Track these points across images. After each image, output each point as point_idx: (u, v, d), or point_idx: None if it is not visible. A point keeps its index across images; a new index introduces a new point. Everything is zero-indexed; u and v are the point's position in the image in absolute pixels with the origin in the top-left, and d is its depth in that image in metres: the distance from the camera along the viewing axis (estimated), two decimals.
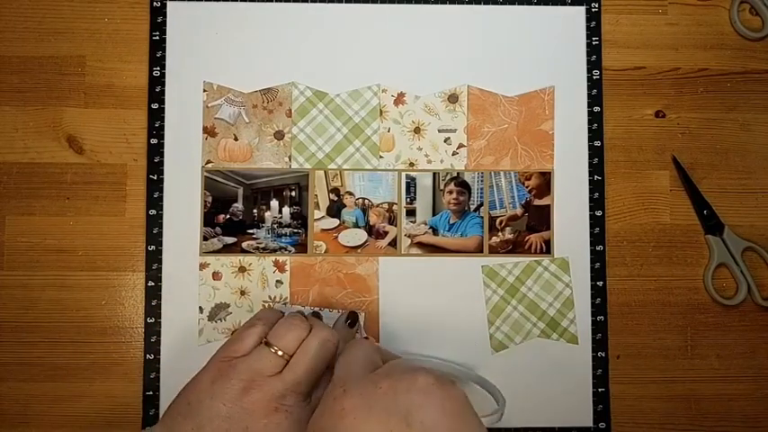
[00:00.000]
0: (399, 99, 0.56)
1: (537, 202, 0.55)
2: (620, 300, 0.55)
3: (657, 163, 0.56)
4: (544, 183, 0.56)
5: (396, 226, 0.55)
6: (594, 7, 0.57)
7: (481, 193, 0.55)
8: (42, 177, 0.54)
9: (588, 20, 0.57)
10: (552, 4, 0.57)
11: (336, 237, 0.55)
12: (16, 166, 0.54)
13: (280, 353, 0.42)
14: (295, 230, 0.55)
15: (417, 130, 0.56)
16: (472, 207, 0.55)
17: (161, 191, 0.54)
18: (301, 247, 0.54)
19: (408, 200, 0.55)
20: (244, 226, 0.54)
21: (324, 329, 0.44)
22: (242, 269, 0.54)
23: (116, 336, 0.54)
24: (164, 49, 0.55)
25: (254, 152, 0.55)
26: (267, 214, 0.55)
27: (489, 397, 0.53)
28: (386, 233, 0.55)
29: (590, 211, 0.55)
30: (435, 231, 0.55)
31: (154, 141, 0.54)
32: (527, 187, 0.55)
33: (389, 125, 0.55)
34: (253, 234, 0.54)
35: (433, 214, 0.55)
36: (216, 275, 0.54)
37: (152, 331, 0.53)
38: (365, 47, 0.56)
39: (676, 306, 0.55)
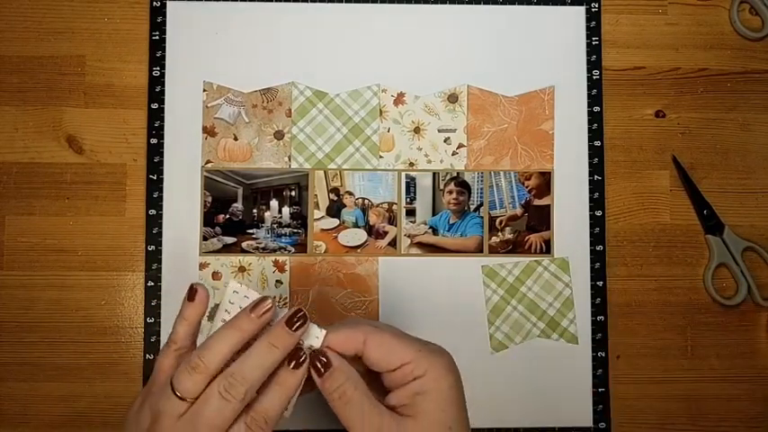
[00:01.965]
0: (399, 99, 0.56)
1: (537, 202, 0.55)
2: (620, 300, 0.55)
3: (657, 163, 0.56)
4: (544, 183, 0.56)
5: (396, 226, 0.55)
6: (594, 7, 0.57)
7: (481, 193, 0.55)
8: (42, 177, 0.54)
9: (588, 20, 0.57)
10: (552, 4, 0.57)
11: (336, 237, 0.55)
12: (16, 166, 0.54)
13: (179, 394, 0.36)
14: (295, 230, 0.55)
15: (417, 130, 0.56)
16: (472, 207, 0.55)
17: (161, 191, 0.54)
18: (301, 247, 0.54)
19: (408, 200, 0.55)
20: (243, 226, 0.54)
21: (228, 380, 0.36)
22: (242, 269, 0.54)
23: (116, 336, 0.54)
24: (164, 49, 0.55)
25: (253, 152, 0.55)
26: (267, 214, 0.55)
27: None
28: (386, 233, 0.55)
29: (590, 211, 0.55)
30: (435, 231, 0.55)
31: (154, 141, 0.54)
32: (527, 187, 0.55)
33: (389, 125, 0.55)
34: (252, 234, 0.54)
35: (433, 214, 0.55)
36: (216, 275, 0.54)
37: (152, 331, 0.53)
38: (365, 47, 0.56)
39: (676, 306, 0.55)
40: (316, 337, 0.38)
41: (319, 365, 0.37)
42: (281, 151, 0.55)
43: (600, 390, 0.54)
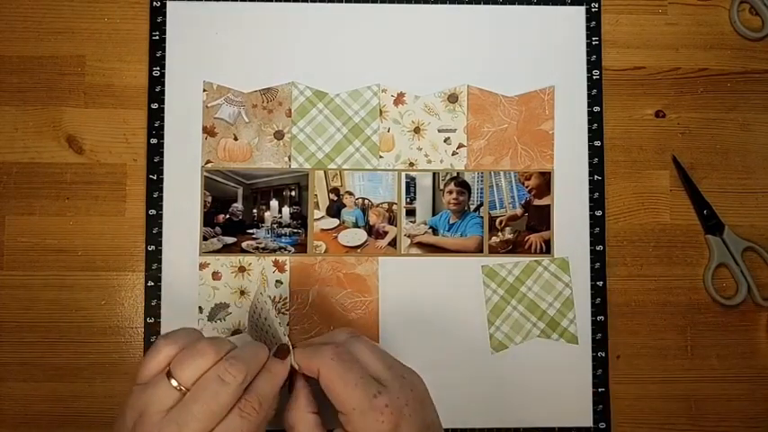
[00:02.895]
0: (399, 99, 0.56)
1: (537, 202, 0.55)
2: (620, 300, 0.55)
3: (657, 163, 0.56)
4: (544, 183, 0.56)
5: (396, 226, 0.55)
6: (594, 7, 0.57)
7: (481, 193, 0.55)
8: (42, 177, 0.54)
9: (588, 20, 0.57)
10: (552, 4, 0.57)
11: (336, 237, 0.55)
12: (16, 165, 0.54)
13: (175, 383, 0.36)
14: (295, 230, 0.55)
15: (417, 130, 0.56)
16: (472, 207, 0.55)
17: (161, 191, 0.54)
18: (301, 247, 0.54)
19: (408, 200, 0.55)
20: (243, 226, 0.54)
21: (229, 361, 0.36)
22: (242, 269, 0.54)
23: (116, 336, 0.54)
24: (163, 49, 0.55)
25: (253, 152, 0.55)
26: (267, 214, 0.55)
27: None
28: (386, 233, 0.55)
29: (590, 211, 0.55)
30: (435, 231, 0.55)
31: (154, 141, 0.54)
32: (527, 187, 0.55)
33: (389, 125, 0.55)
34: (252, 234, 0.54)
35: (433, 214, 0.55)
36: (216, 275, 0.54)
37: (152, 331, 0.53)
38: (365, 47, 0.56)
39: (676, 306, 0.55)
40: (282, 346, 0.41)
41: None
42: (281, 151, 0.55)
43: (600, 390, 0.54)
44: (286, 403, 0.41)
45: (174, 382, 0.36)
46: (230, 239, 0.54)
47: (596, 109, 0.56)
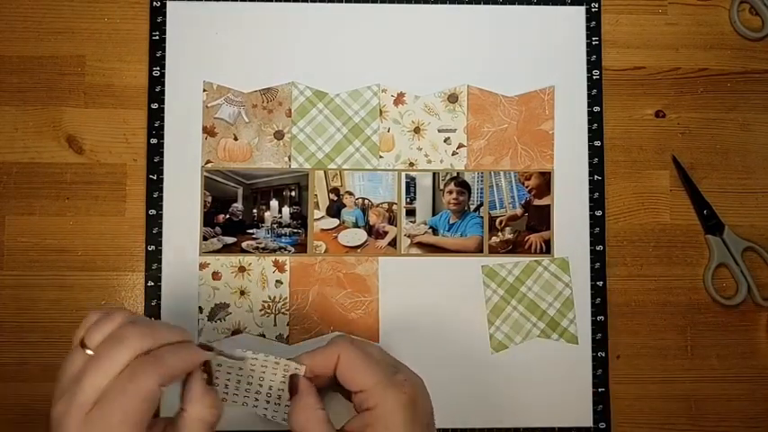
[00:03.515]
0: (399, 99, 0.56)
1: (537, 202, 0.55)
2: (620, 300, 0.55)
3: (657, 163, 0.56)
4: (544, 183, 0.56)
5: (396, 226, 0.55)
6: (594, 7, 0.57)
7: (481, 193, 0.55)
8: (42, 177, 0.54)
9: (588, 20, 0.57)
10: (552, 4, 0.57)
11: (336, 237, 0.55)
12: (16, 166, 0.54)
13: (87, 351, 0.35)
14: (295, 230, 0.55)
15: (417, 130, 0.56)
16: (472, 207, 0.55)
17: (161, 191, 0.54)
18: (301, 247, 0.54)
19: (408, 200, 0.55)
20: (243, 226, 0.54)
21: (132, 323, 0.36)
22: (242, 269, 0.54)
23: None
24: (163, 49, 0.55)
25: (253, 152, 0.55)
26: (267, 214, 0.55)
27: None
28: (386, 233, 0.55)
29: (590, 211, 0.55)
30: (435, 231, 0.55)
31: (154, 141, 0.54)
32: (527, 187, 0.55)
33: (389, 125, 0.55)
34: (252, 234, 0.54)
35: (433, 214, 0.55)
36: (216, 275, 0.54)
37: None
38: (365, 47, 0.56)
39: (676, 306, 0.55)
40: (296, 368, 0.41)
41: (290, 389, 0.41)
42: (281, 151, 0.55)
43: (600, 390, 0.54)
44: (291, 412, 0.41)
45: (87, 351, 0.35)
46: (230, 239, 0.54)
47: (596, 109, 0.56)
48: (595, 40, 0.56)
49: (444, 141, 0.56)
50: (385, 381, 0.39)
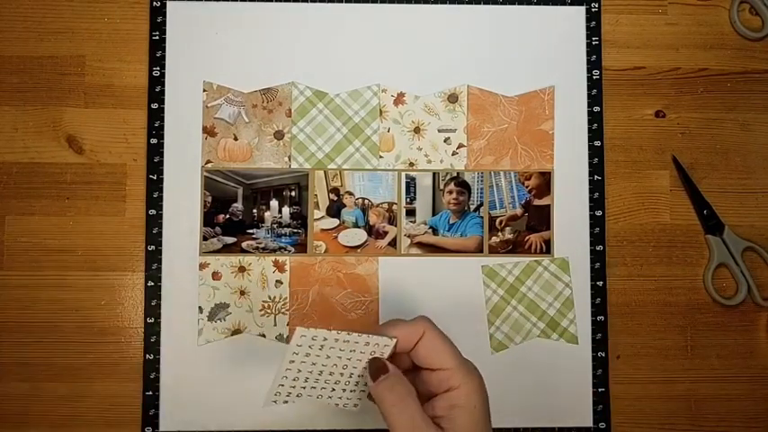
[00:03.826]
0: (399, 99, 0.56)
1: (537, 202, 0.55)
2: (620, 300, 0.55)
3: (657, 163, 0.56)
4: (544, 183, 0.56)
5: (396, 226, 0.55)
6: (594, 7, 0.57)
7: (481, 193, 0.55)
8: (42, 177, 0.54)
9: (588, 20, 0.57)
10: (552, 4, 0.57)
11: (336, 237, 0.55)
12: (16, 166, 0.54)
13: None
14: (295, 230, 0.55)
15: (417, 130, 0.56)
16: (472, 207, 0.55)
17: (161, 191, 0.54)
18: (301, 247, 0.54)
19: (408, 200, 0.55)
20: (243, 226, 0.54)
21: None
22: (242, 269, 0.54)
23: (116, 336, 0.54)
24: (163, 49, 0.55)
25: (253, 152, 0.55)
26: (267, 214, 0.55)
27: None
28: (386, 233, 0.55)
29: (590, 211, 0.55)
30: (435, 231, 0.55)
31: (154, 141, 0.54)
32: (527, 187, 0.55)
33: (389, 125, 0.55)
34: (252, 234, 0.54)
35: (433, 214, 0.55)
36: (216, 275, 0.54)
37: (152, 331, 0.53)
38: (365, 47, 0.56)
39: (676, 306, 0.55)
40: (385, 344, 0.40)
41: (376, 370, 0.40)
42: (281, 151, 0.55)
43: (600, 390, 0.54)
44: (380, 389, 0.40)
45: None
46: (230, 239, 0.54)
47: (596, 109, 0.56)
48: (595, 40, 0.56)
49: (444, 141, 0.56)
50: (464, 363, 0.41)
